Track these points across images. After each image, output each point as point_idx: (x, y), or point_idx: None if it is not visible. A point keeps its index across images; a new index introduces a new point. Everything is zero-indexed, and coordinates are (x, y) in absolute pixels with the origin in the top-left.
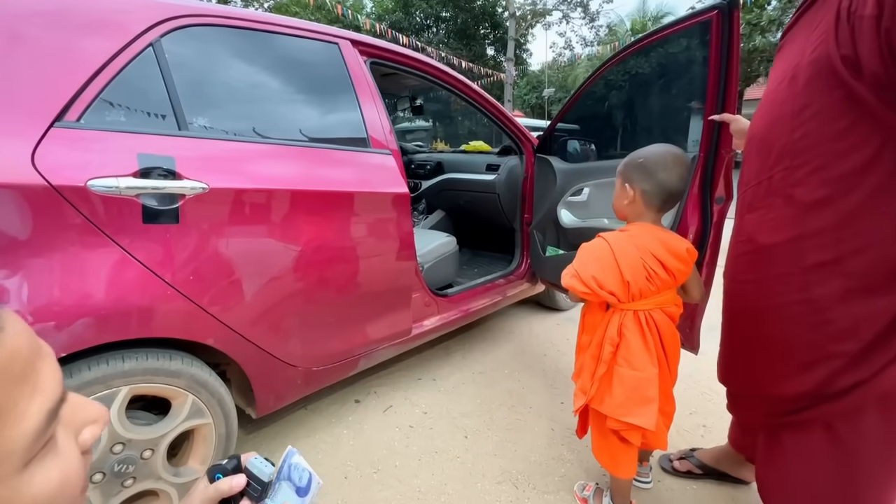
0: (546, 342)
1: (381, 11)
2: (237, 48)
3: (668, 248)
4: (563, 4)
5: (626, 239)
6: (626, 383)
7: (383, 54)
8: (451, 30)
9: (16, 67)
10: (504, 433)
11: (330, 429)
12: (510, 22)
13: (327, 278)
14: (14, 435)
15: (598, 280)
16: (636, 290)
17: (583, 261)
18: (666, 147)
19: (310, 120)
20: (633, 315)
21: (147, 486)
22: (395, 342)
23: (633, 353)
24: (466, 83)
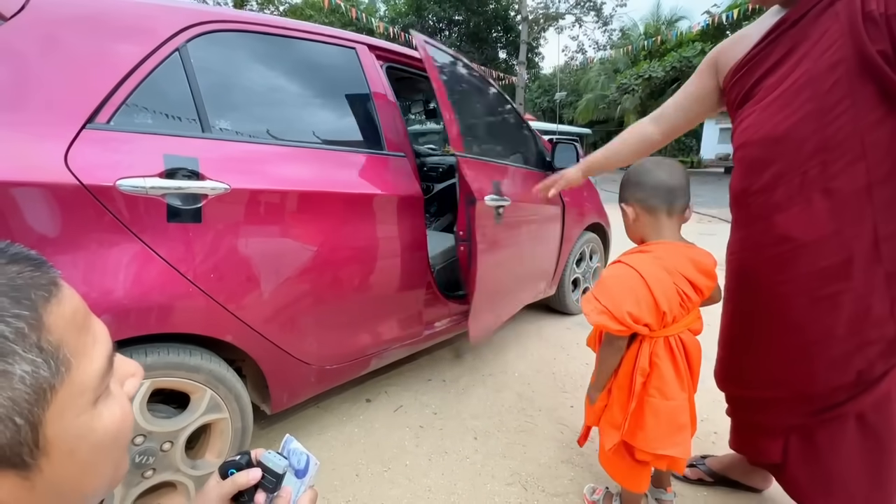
0: (556, 346)
1: (393, 14)
2: (258, 53)
3: (698, 265)
4: (576, 8)
5: (654, 262)
6: (660, 415)
7: (398, 59)
8: (463, 33)
9: (51, 71)
10: (513, 435)
11: (341, 427)
12: (522, 26)
13: (342, 278)
14: (88, 373)
15: (634, 315)
16: (670, 318)
17: (612, 294)
18: (647, 159)
19: (327, 123)
20: (663, 342)
21: (166, 478)
22: (406, 342)
23: (665, 382)
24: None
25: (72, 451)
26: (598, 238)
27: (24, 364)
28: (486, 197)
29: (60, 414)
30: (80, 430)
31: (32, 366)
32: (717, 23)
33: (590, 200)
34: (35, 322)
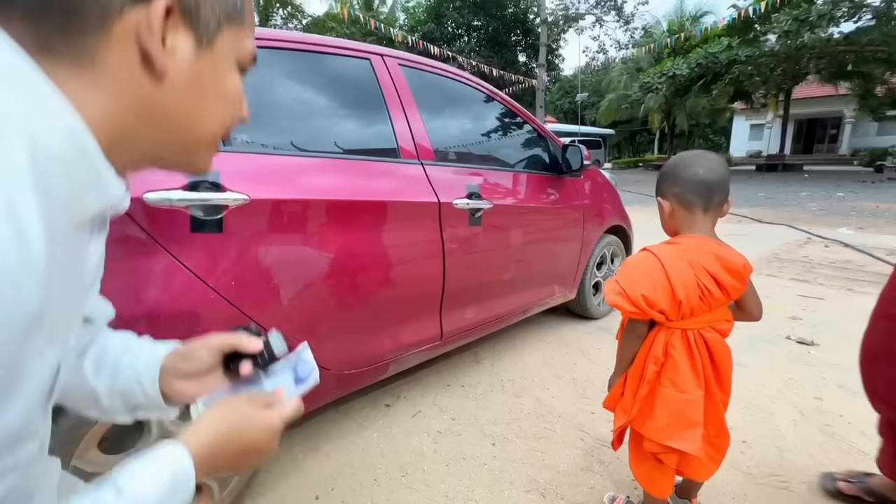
0: (577, 351)
1: (413, 23)
2: (278, 67)
3: (724, 263)
4: (596, 8)
5: (678, 253)
6: (670, 405)
7: (418, 67)
8: (482, 38)
9: None
10: (532, 442)
11: (361, 432)
12: (542, 28)
13: (360, 285)
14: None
15: (648, 299)
16: (687, 310)
17: (630, 277)
18: (685, 152)
19: (343, 133)
20: (681, 334)
21: None
22: (424, 348)
23: (679, 373)
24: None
25: (216, 67)
26: (619, 241)
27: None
28: (456, 200)
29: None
30: (224, 72)
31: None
32: (744, 17)
33: (610, 202)
34: None
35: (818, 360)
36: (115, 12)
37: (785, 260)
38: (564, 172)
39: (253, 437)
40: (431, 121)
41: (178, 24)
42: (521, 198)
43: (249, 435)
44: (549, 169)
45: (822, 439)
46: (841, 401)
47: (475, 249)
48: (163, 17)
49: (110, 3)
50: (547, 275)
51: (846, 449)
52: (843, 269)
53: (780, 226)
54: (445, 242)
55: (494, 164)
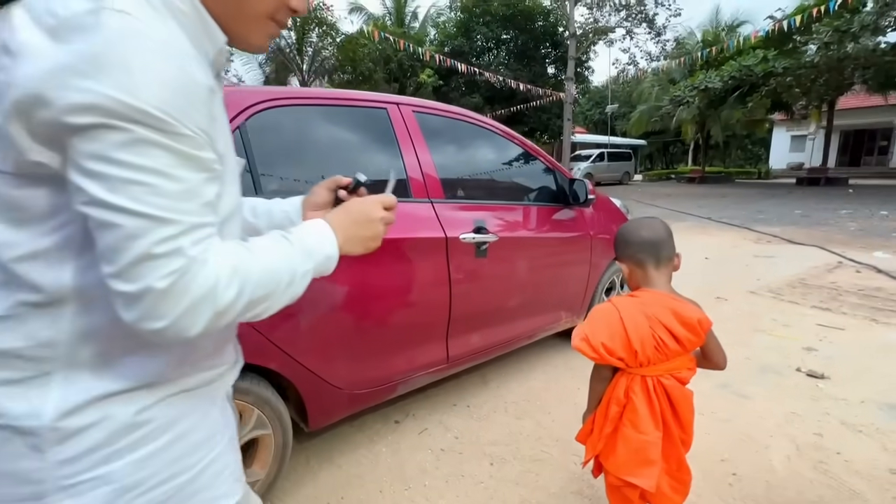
0: (582, 376)
1: (443, 38)
2: (303, 120)
3: (679, 317)
4: (626, 21)
5: (636, 306)
6: (629, 444)
7: (431, 111)
8: (511, 51)
9: None
10: (528, 464)
11: (371, 445)
12: (570, 42)
13: (371, 313)
14: None
15: (607, 346)
16: (644, 358)
17: (593, 325)
18: (628, 221)
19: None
20: (640, 379)
21: None
22: (430, 370)
23: (638, 416)
24: (505, 130)
25: None
26: None
27: None
28: (462, 235)
29: None
30: None
31: None
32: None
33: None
34: None
35: (825, 394)
36: None
37: (810, 286)
38: (572, 204)
39: (363, 209)
40: (442, 161)
41: None
42: (527, 230)
43: (360, 208)
44: (557, 200)
45: (814, 476)
46: (841, 438)
47: (480, 279)
48: None
49: None
50: (553, 302)
51: (836, 487)
52: (871, 298)
53: (811, 247)
54: (452, 273)
55: (502, 198)
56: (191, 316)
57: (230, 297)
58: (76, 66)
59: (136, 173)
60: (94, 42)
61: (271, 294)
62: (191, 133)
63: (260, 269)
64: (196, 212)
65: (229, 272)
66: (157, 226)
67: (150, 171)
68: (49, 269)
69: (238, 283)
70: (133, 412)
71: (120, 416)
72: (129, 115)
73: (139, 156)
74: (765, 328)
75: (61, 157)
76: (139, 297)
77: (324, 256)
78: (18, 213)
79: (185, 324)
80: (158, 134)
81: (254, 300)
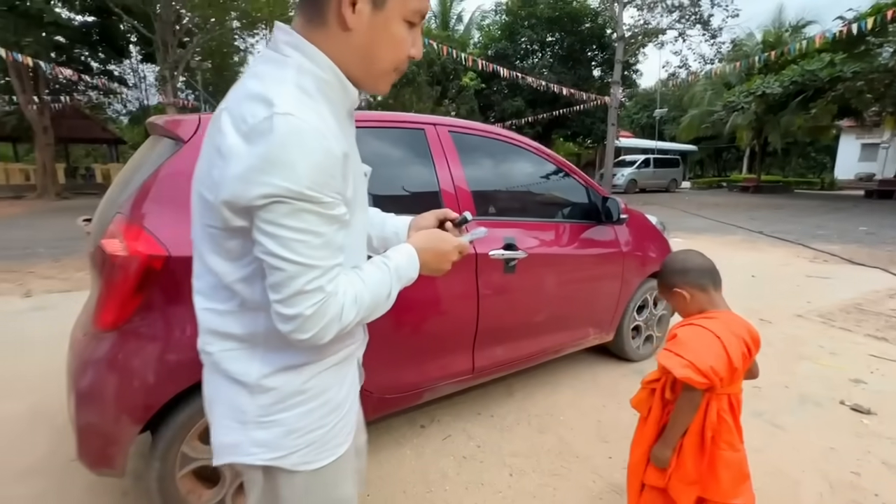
0: (608, 393)
1: (487, 41)
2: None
3: (751, 334)
4: (679, 22)
5: (723, 326)
6: (731, 466)
7: (466, 131)
8: (556, 54)
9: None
10: (547, 478)
11: (396, 448)
12: (618, 44)
13: (401, 323)
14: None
15: (715, 369)
16: (736, 376)
17: (695, 349)
18: (677, 252)
19: (399, 191)
20: (726, 399)
21: None
22: (456, 380)
23: (733, 434)
24: (539, 147)
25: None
26: None
27: None
28: (492, 252)
29: (396, 7)
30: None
31: None
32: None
33: (656, 249)
34: None
35: (870, 431)
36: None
37: (867, 312)
38: (604, 221)
39: (442, 246)
40: (475, 179)
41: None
42: (556, 247)
43: (439, 244)
44: (589, 217)
45: None
46: (881, 479)
47: (508, 294)
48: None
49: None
50: (582, 318)
51: None
52: None
53: (874, 269)
54: (480, 288)
55: (533, 214)
56: (324, 331)
57: (351, 317)
58: (260, 166)
59: (294, 233)
60: (270, 144)
61: (374, 311)
62: (330, 199)
63: (369, 296)
64: (331, 257)
65: (351, 300)
66: (308, 271)
67: (303, 231)
68: (248, 288)
69: (356, 308)
70: (301, 381)
71: (293, 383)
72: (292, 195)
73: (297, 220)
74: (810, 355)
75: (249, 222)
76: (294, 318)
77: (408, 279)
78: (228, 254)
79: (320, 336)
80: (310, 204)
81: (364, 317)
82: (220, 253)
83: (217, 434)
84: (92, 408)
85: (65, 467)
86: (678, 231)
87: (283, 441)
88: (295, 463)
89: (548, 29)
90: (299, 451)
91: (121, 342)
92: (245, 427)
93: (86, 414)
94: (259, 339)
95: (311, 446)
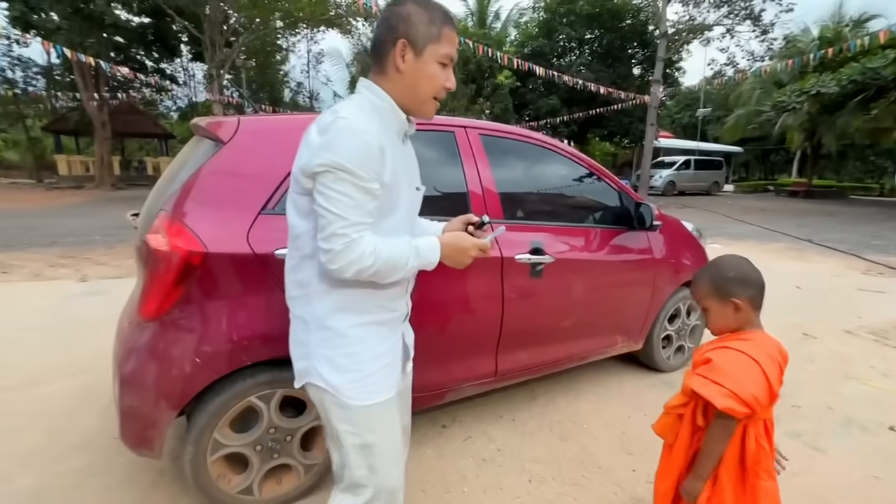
0: (634, 403)
1: (524, 38)
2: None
3: (782, 354)
4: (727, 18)
5: (760, 349)
6: (769, 496)
7: (496, 134)
8: (594, 52)
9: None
10: (567, 487)
11: (417, 446)
12: (660, 42)
13: (426, 324)
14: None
15: (756, 397)
16: (773, 400)
17: (734, 377)
18: (733, 256)
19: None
20: (762, 424)
21: (285, 461)
22: (478, 382)
23: (770, 462)
24: (571, 151)
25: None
26: None
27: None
28: (518, 255)
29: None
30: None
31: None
32: None
33: (689, 255)
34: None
35: None
36: (390, 49)
37: None
38: (636, 227)
39: (461, 243)
40: (503, 182)
41: (407, 48)
42: (585, 252)
43: (459, 241)
44: (621, 223)
45: None
46: None
47: (533, 299)
48: (403, 46)
49: (389, 46)
50: (610, 325)
51: None
52: None
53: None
54: (505, 292)
55: (562, 219)
56: (347, 266)
57: (368, 262)
58: (323, 147)
59: (336, 194)
60: (331, 134)
61: (392, 271)
62: (364, 174)
63: (387, 255)
64: (359, 215)
65: (370, 250)
66: (340, 220)
67: (342, 193)
68: (311, 240)
69: (373, 258)
70: (346, 326)
71: (340, 326)
72: (337, 167)
73: (339, 185)
74: (858, 375)
75: (313, 184)
76: (327, 251)
77: (428, 262)
78: (299, 210)
79: (344, 270)
80: (349, 175)
81: (379, 270)
82: (295, 209)
83: (295, 363)
84: (133, 392)
85: (109, 444)
86: (718, 236)
87: (333, 372)
88: (341, 392)
89: (587, 26)
90: (344, 385)
91: (161, 332)
92: (308, 357)
93: (128, 398)
94: (314, 284)
95: (354, 384)
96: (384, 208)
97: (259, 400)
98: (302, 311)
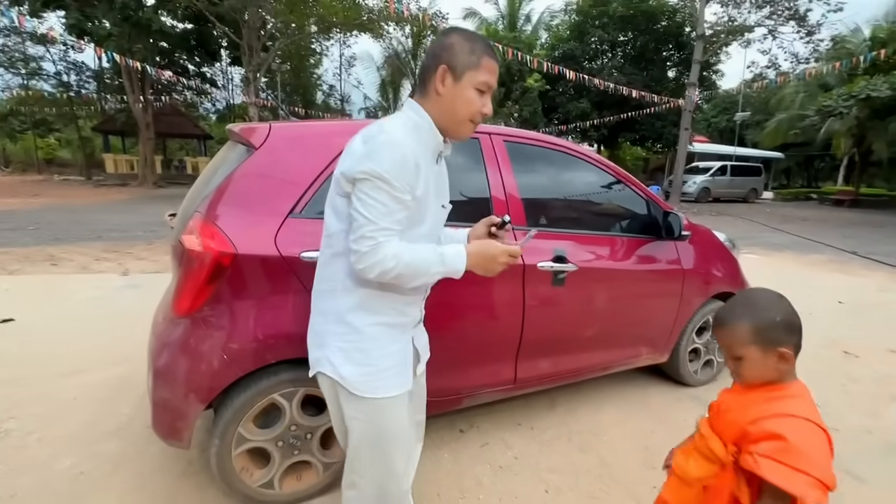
0: (658, 417)
1: (555, 41)
2: None
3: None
4: (769, 18)
5: (814, 408)
6: None
7: (521, 140)
8: (627, 54)
9: (273, 183)
10: (584, 499)
11: (434, 450)
12: (697, 43)
13: (445, 329)
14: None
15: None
16: None
17: (817, 461)
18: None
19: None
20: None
21: (305, 458)
22: (497, 389)
23: None
24: (598, 158)
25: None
26: None
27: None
28: (540, 263)
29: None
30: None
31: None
32: None
33: (721, 267)
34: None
35: None
36: (432, 74)
37: None
38: (664, 237)
39: (489, 250)
40: (527, 189)
41: (447, 73)
42: (610, 261)
43: (487, 249)
44: (648, 231)
45: None
46: None
47: (555, 307)
48: (443, 71)
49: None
50: (634, 336)
51: None
52: None
53: None
54: (526, 299)
55: (587, 227)
56: (372, 267)
57: (391, 265)
58: (365, 156)
59: (371, 199)
60: (373, 146)
61: (415, 275)
62: (399, 185)
63: (409, 259)
64: (388, 222)
65: (393, 254)
66: (370, 224)
67: (376, 199)
68: (343, 239)
69: (395, 262)
70: (362, 323)
71: (358, 322)
72: (376, 175)
73: (374, 192)
74: None
75: (352, 188)
76: (356, 251)
77: (454, 269)
78: (336, 210)
79: (369, 270)
80: (384, 184)
81: (401, 273)
82: (332, 209)
83: (310, 352)
84: (165, 385)
85: (142, 433)
86: (754, 247)
87: (346, 364)
88: (352, 385)
89: (620, 28)
90: (355, 377)
91: (192, 328)
92: (323, 348)
93: (160, 390)
94: (340, 281)
95: (365, 378)
96: (412, 219)
97: (282, 397)
98: (325, 304)
